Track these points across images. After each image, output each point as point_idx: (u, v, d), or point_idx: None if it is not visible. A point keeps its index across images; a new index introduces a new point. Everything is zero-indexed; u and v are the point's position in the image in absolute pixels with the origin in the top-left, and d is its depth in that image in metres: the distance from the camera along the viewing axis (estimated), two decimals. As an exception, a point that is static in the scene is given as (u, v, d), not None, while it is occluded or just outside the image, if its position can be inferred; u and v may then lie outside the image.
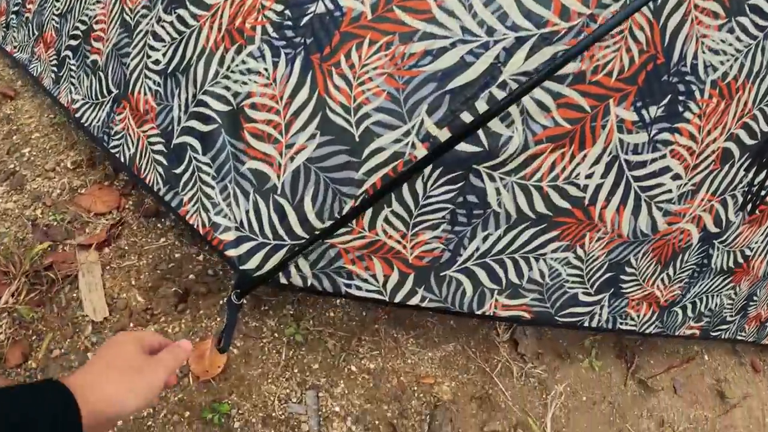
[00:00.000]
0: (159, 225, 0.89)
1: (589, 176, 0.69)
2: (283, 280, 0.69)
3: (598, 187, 0.71)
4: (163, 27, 0.80)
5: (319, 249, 0.66)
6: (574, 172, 0.68)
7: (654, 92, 0.69)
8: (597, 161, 0.69)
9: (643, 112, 0.69)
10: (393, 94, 0.60)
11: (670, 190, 0.77)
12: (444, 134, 0.59)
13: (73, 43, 0.99)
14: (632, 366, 1.08)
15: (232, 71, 0.70)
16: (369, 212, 0.63)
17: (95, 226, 0.87)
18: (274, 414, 0.77)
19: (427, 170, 0.61)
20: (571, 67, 0.62)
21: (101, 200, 0.88)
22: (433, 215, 0.65)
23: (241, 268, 0.67)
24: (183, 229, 0.88)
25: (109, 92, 0.85)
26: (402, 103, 0.60)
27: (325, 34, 0.64)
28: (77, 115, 0.90)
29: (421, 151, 0.59)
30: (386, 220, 0.64)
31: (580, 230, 0.74)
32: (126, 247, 0.85)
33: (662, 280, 0.89)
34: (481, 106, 0.58)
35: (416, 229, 0.66)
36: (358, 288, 0.69)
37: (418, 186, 0.62)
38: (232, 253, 0.68)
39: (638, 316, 0.91)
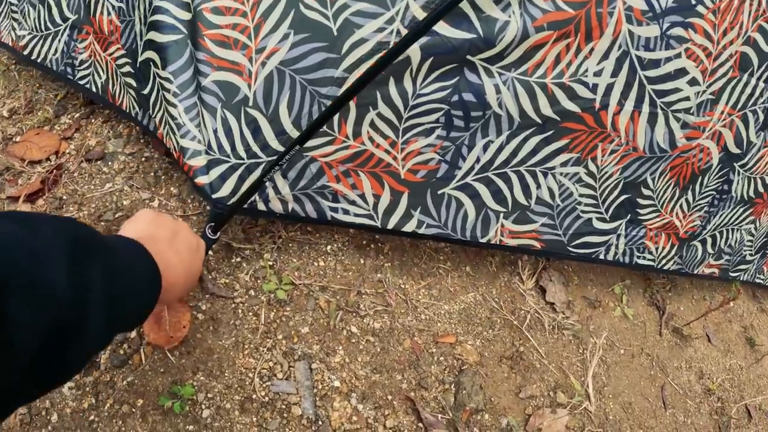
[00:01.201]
0: (105, 169, 0.78)
1: (597, 74, 0.64)
2: (261, 206, 0.63)
3: (609, 87, 0.65)
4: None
5: (298, 164, 0.60)
6: (581, 68, 0.62)
7: (663, -23, 0.64)
8: (606, 56, 0.63)
9: (653, 0, 0.64)
10: (372, -24, 0.55)
11: (687, 98, 0.72)
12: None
13: (16, -21, 0.93)
14: (664, 313, 1.02)
15: (191, -26, 0.63)
16: (353, 116, 0.57)
17: (29, 176, 0.75)
18: (255, 396, 0.62)
19: (415, 63, 0.55)
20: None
21: (38, 146, 0.77)
22: (426, 117, 0.59)
23: (213, 196, 0.61)
24: (134, 172, 0.78)
25: (65, 19, 0.79)
26: (383, -14, 0.54)
27: None
28: (26, 52, 0.83)
29: (407, 38, 0.53)
30: (372, 125, 0.58)
31: (591, 140, 0.68)
32: (65, 197, 0.73)
33: (681, 207, 0.84)
34: (473, -17, 0.53)
35: (407, 135, 0.60)
36: (345, 212, 0.63)
37: (407, 83, 0.56)
38: (202, 180, 0.61)
39: (656, 249, 0.86)
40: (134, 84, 0.70)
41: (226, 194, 0.61)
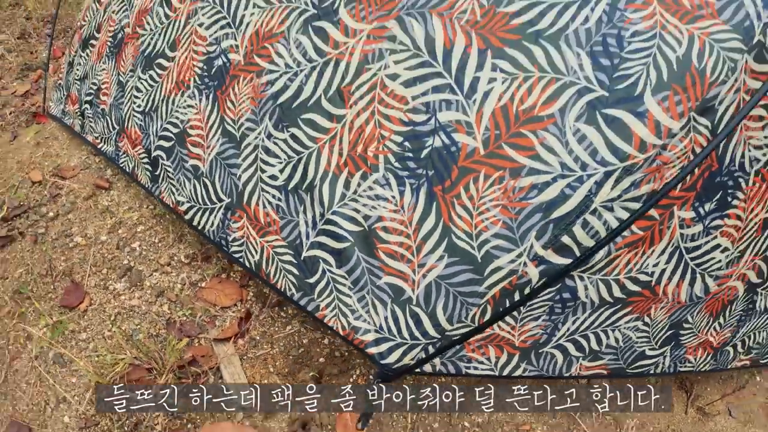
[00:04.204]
0: (282, 314, 1.13)
1: (655, 265, 0.99)
2: (416, 368, 0.99)
3: (663, 271, 1.00)
4: (276, 144, 1.05)
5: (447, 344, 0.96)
6: (644, 264, 0.98)
7: (709, 192, 0.98)
8: (662, 252, 0.98)
9: (700, 209, 0.98)
10: (507, 223, 0.88)
11: (719, 261, 1.08)
12: (549, 254, 0.87)
13: (165, 144, 1.21)
14: (691, 395, 1.39)
15: (360, 195, 0.96)
16: (488, 314, 0.93)
17: (224, 319, 1.09)
18: None
19: (534, 281, 0.90)
20: (645, 188, 0.90)
21: (224, 293, 1.11)
22: (537, 310, 0.94)
23: (382, 362, 0.97)
24: (306, 317, 1.15)
25: (220, 199, 1.10)
26: (515, 231, 0.88)
27: (445, 167, 0.91)
28: (187, 217, 1.15)
29: (531, 268, 0.88)
30: (503, 320, 0.94)
31: (648, 304, 1.04)
32: (257, 337, 1.09)
33: (714, 328, 1.21)
34: (578, 230, 0.87)
35: (523, 321, 0.95)
36: (475, 368, 1.00)
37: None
38: (373, 350, 0.97)
39: (695, 359, 1.23)
40: (295, 272, 1.03)
41: (392, 361, 0.96)
